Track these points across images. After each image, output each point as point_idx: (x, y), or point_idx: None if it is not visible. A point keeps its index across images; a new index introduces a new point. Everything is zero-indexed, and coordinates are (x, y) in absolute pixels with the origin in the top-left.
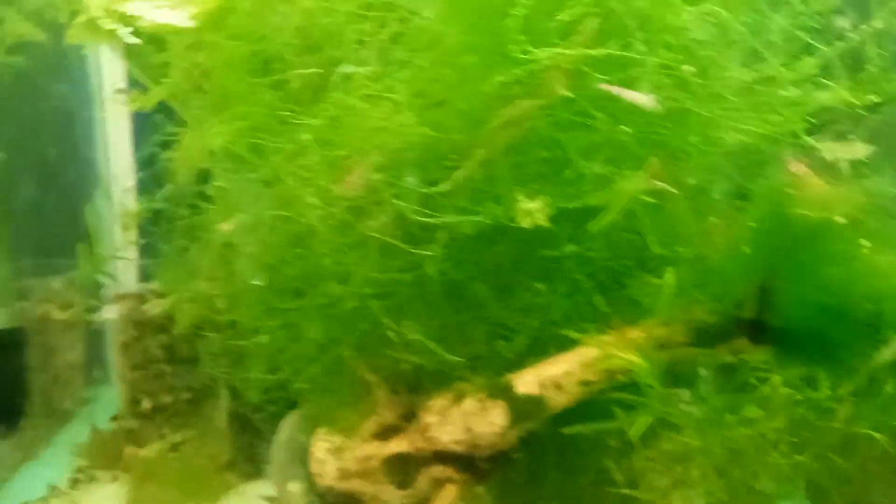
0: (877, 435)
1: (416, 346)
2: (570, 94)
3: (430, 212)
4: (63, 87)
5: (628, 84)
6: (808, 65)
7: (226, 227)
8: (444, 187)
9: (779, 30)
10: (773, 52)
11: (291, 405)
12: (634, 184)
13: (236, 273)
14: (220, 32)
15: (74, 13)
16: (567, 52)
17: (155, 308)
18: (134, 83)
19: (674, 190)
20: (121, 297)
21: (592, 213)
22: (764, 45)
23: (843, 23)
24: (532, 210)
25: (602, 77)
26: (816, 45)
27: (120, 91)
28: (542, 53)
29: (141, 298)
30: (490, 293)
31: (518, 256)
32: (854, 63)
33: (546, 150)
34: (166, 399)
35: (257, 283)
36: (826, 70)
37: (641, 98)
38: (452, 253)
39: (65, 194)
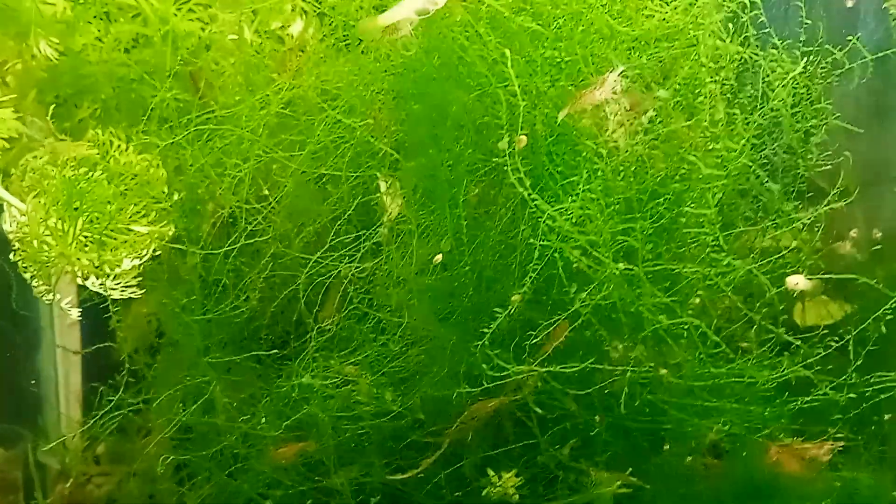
0: None
1: None
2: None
3: None
4: None
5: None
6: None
7: None
8: (409, 474)
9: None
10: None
11: None
12: (611, 485)
13: None
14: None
15: None
16: (538, 369)
17: (100, 488)
18: None
19: (647, 486)
20: (62, 476)
21: None
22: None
23: None
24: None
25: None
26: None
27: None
28: (514, 369)
29: (84, 478)
30: None
31: None
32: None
33: (516, 436)
34: None
35: None
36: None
37: None
38: None
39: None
